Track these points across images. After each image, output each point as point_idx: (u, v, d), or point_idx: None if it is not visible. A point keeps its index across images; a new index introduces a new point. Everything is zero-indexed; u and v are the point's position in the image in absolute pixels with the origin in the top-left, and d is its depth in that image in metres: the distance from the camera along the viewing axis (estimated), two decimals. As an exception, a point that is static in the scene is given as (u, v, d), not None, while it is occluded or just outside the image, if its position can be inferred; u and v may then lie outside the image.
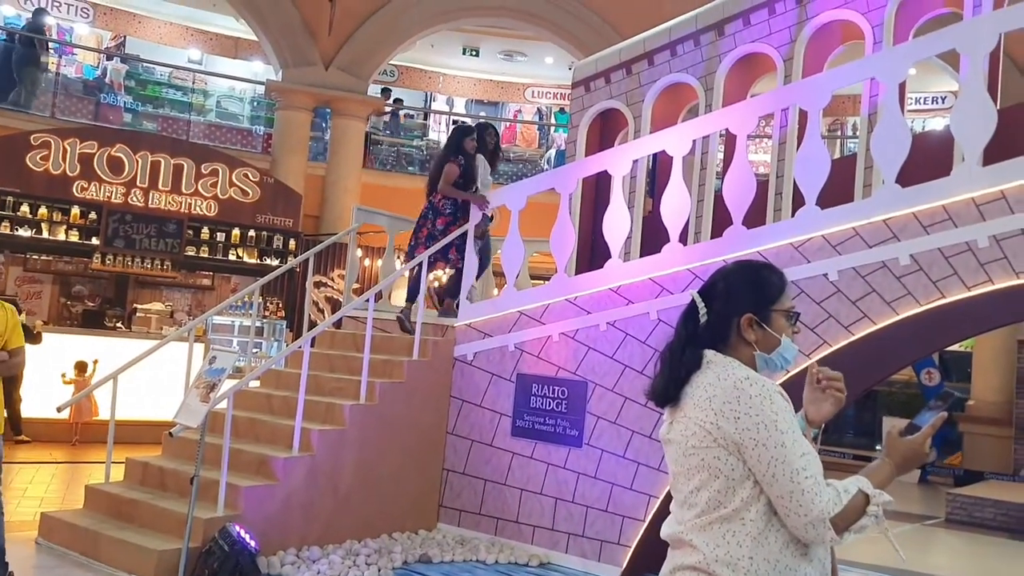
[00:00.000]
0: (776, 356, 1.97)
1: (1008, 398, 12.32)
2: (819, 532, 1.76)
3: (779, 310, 1.97)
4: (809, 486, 1.76)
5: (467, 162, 7.09)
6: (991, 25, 5.17)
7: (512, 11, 13.22)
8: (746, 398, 1.82)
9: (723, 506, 1.82)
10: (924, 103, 16.09)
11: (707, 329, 1.96)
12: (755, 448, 1.79)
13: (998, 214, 4.83)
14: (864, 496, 1.79)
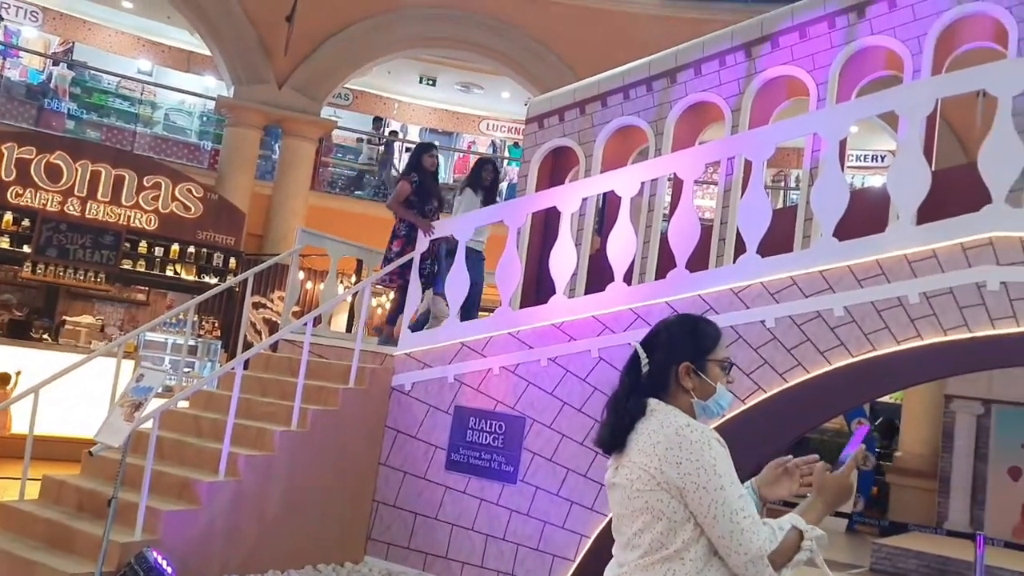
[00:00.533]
0: (712, 403, 2.08)
1: (934, 451, 12.63)
2: (758, 569, 1.86)
3: (714, 360, 2.09)
4: (748, 526, 1.86)
5: (424, 181, 7.02)
6: (929, 89, 5.38)
7: (473, 45, 13.33)
8: (687, 444, 1.91)
9: (665, 547, 1.92)
10: (864, 160, 16.64)
11: (649, 378, 2.07)
12: (696, 491, 1.88)
13: (929, 272, 4.99)
14: (798, 532, 1.92)
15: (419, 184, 6.99)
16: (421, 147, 7.42)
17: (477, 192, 7.17)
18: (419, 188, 6.98)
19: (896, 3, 6.43)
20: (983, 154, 4.90)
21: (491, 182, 7.31)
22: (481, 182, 7.24)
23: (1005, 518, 11.72)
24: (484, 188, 7.24)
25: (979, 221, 4.85)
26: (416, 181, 7.00)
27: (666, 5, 13.31)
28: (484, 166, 7.36)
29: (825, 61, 6.73)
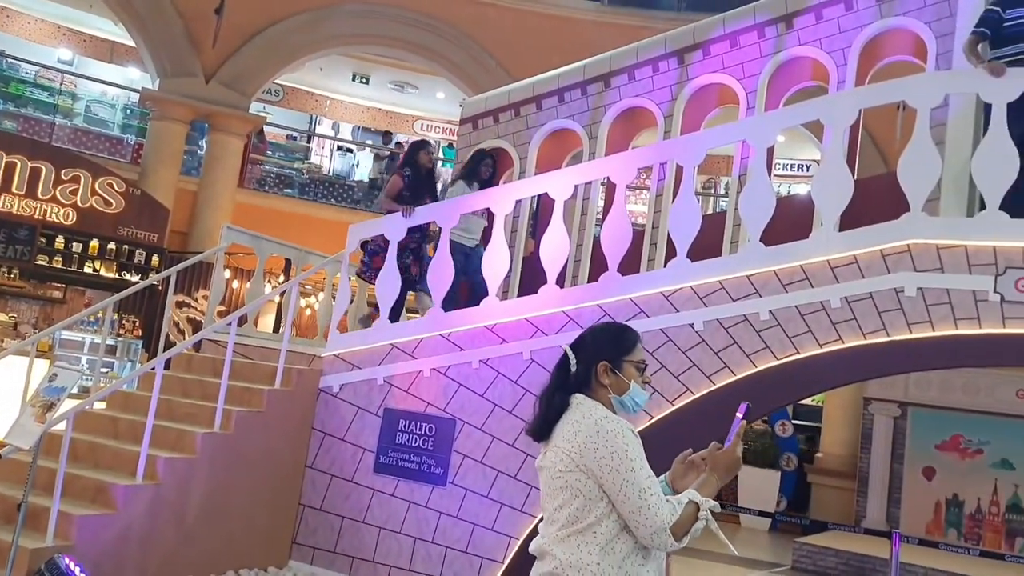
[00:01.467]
0: (627, 399, 2.40)
1: (853, 452, 13.02)
2: (662, 539, 2.18)
3: (630, 361, 2.41)
4: (654, 502, 2.18)
5: (416, 176, 6.87)
6: (851, 100, 5.54)
7: (407, 43, 13.21)
8: (604, 433, 2.23)
9: (580, 521, 2.23)
10: (791, 169, 17.09)
11: (575, 377, 2.37)
12: (610, 473, 2.20)
13: (850, 277, 5.13)
14: (695, 505, 2.23)
15: (411, 179, 6.83)
16: (417, 143, 7.24)
17: (471, 186, 6.91)
18: (411, 183, 6.82)
19: (822, 15, 6.61)
20: (902, 164, 5.06)
21: (489, 177, 7.05)
22: (477, 176, 6.99)
23: (919, 516, 12.17)
24: (481, 183, 6.97)
25: (898, 229, 5.00)
26: (408, 176, 6.84)
27: (603, 10, 13.44)
28: (484, 160, 7.09)
29: (755, 70, 6.88)
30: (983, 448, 12.16)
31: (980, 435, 12.19)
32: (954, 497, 12.19)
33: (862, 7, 6.43)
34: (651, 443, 5.59)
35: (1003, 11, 5.30)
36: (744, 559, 10.26)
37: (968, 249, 4.88)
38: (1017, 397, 11.90)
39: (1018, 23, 5.24)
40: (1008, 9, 5.29)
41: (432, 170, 7.19)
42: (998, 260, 4.80)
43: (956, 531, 12.04)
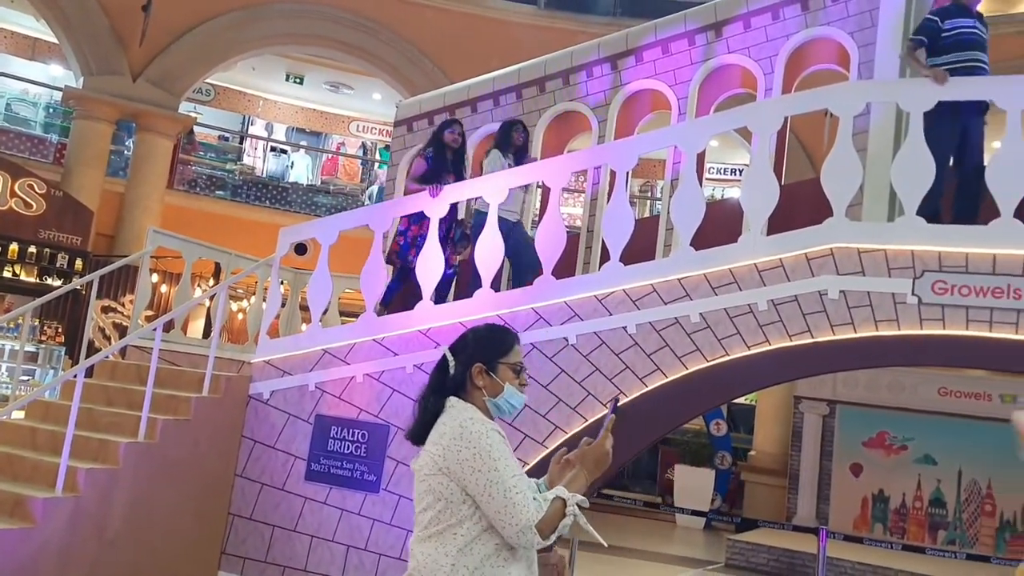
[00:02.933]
0: (502, 401, 2.38)
1: (784, 450, 13.33)
2: (528, 537, 2.17)
3: (506, 363, 2.39)
4: (519, 500, 2.17)
5: (439, 156, 6.66)
6: (778, 108, 5.66)
7: (343, 44, 13.06)
8: (467, 434, 2.23)
9: (440, 523, 2.23)
10: (723, 173, 17.42)
11: (452, 379, 2.38)
12: (473, 474, 2.19)
13: (776, 280, 5.24)
14: (562, 501, 2.22)
15: (434, 160, 6.64)
16: (443, 123, 7.00)
17: (506, 155, 6.74)
18: (434, 162, 6.64)
19: (750, 24, 6.75)
20: (825, 170, 5.20)
21: (522, 143, 6.86)
22: (511, 143, 6.79)
23: (847, 512, 12.51)
24: (515, 150, 6.79)
25: (821, 233, 5.13)
26: (430, 156, 6.65)
27: (540, 14, 13.51)
28: (515, 126, 6.88)
29: (686, 77, 6.99)
30: (907, 444, 12.57)
31: (905, 432, 12.60)
32: (880, 492, 12.57)
33: (788, 17, 6.59)
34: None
35: (941, 21, 5.47)
36: (679, 557, 10.40)
37: (888, 253, 5.03)
38: (939, 395, 12.34)
39: (956, 33, 5.41)
40: (946, 20, 5.46)
41: (460, 149, 6.89)
42: (916, 264, 4.96)
43: (882, 525, 12.42)
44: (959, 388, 12.20)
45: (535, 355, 5.62)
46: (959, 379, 12.09)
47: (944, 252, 4.92)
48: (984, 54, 5.41)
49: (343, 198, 15.59)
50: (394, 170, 7.53)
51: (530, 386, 5.93)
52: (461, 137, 6.84)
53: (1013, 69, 9.15)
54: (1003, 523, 11.89)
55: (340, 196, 15.65)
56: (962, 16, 5.44)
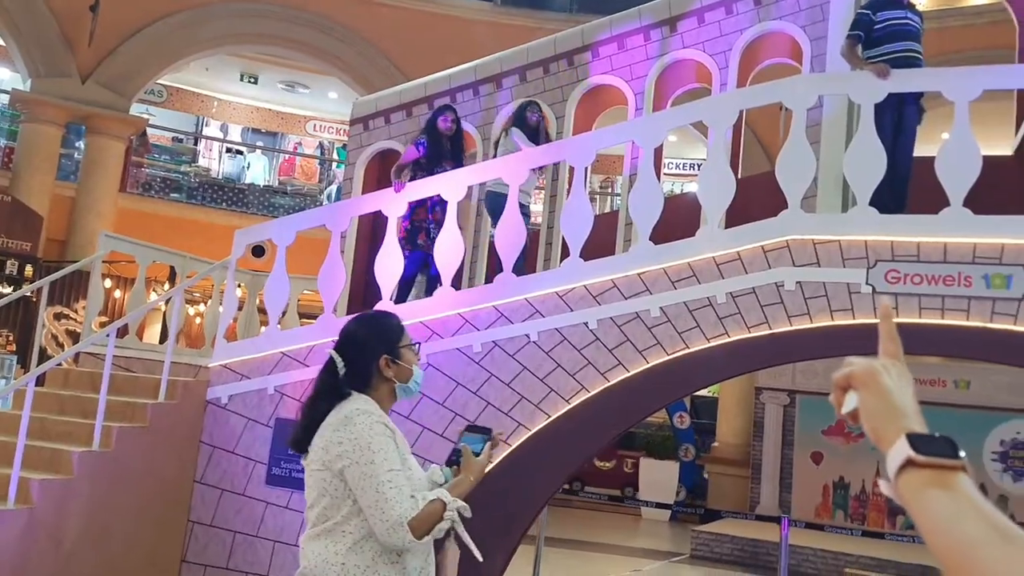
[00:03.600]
0: (411, 383, 2.39)
1: (747, 441, 13.50)
2: (399, 534, 2.11)
3: (405, 346, 2.38)
4: (392, 496, 2.12)
5: (435, 144, 6.54)
6: (732, 102, 5.71)
7: (295, 42, 12.91)
8: (351, 426, 2.19)
9: (328, 520, 2.19)
10: (683, 168, 17.56)
11: (347, 378, 2.30)
12: (350, 467, 2.15)
13: (734, 273, 5.28)
14: (442, 504, 2.19)
15: (429, 148, 6.52)
16: (437, 110, 6.87)
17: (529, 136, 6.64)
18: (429, 151, 6.51)
19: (704, 19, 6.80)
20: (780, 163, 5.25)
21: (536, 123, 6.72)
22: (525, 123, 6.66)
23: (809, 500, 12.71)
24: (529, 130, 6.66)
25: (777, 226, 5.18)
26: (424, 144, 6.52)
27: (497, 11, 13.48)
28: (529, 106, 6.78)
29: (642, 72, 7.02)
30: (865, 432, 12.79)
31: (862, 419, 12.82)
32: (840, 480, 12.78)
33: (741, 11, 6.65)
34: (549, 441, 5.62)
35: (873, 13, 5.56)
36: (644, 550, 10.48)
37: (842, 244, 5.10)
38: (894, 382, 12.57)
39: (888, 25, 5.50)
40: (878, 12, 5.56)
41: (455, 136, 6.76)
42: (869, 254, 5.04)
43: (843, 512, 12.63)
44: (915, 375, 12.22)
45: (497, 353, 5.61)
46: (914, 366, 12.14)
47: (896, 241, 5.00)
48: (917, 44, 5.51)
49: (301, 199, 15.43)
50: (351, 169, 7.46)
51: (493, 384, 5.90)
52: (456, 124, 6.75)
53: (961, 60, 9.36)
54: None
55: (298, 197, 15.49)
56: (893, 8, 5.54)
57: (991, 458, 12.14)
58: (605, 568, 8.98)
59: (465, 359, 5.65)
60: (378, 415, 2.24)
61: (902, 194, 5.37)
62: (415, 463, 2.36)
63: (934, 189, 4.90)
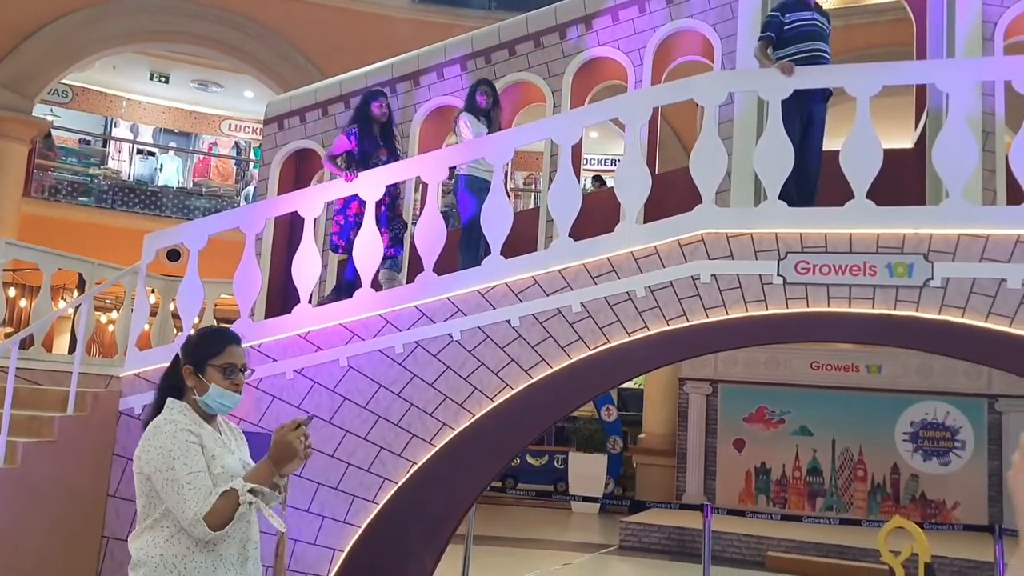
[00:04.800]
0: (210, 400, 2.55)
1: (672, 431, 13.77)
2: (199, 529, 2.36)
3: (214, 365, 2.55)
4: (190, 496, 2.36)
5: (367, 133, 6.27)
6: (646, 99, 5.80)
7: (206, 40, 12.54)
8: (158, 434, 2.44)
9: (148, 518, 2.46)
10: (604, 164, 17.78)
11: (172, 380, 2.59)
12: (155, 473, 2.41)
13: (652, 267, 5.36)
14: (235, 492, 2.39)
15: (361, 137, 6.25)
16: (366, 95, 6.53)
17: (479, 119, 6.48)
18: (363, 142, 6.25)
19: (618, 17, 6.88)
20: (693, 159, 5.36)
21: (490, 105, 6.49)
22: (475, 107, 6.48)
23: (733, 486, 13.04)
24: (484, 113, 6.47)
25: (692, 220, 5.28)
26: (355, 134, 6.24)
27: (416, 8, 13.38)
28: (479, 87, 6.55)
29: (559, 69, 7.06)
30: (785, 418, 13.19)
31: (782, 406, 13.22)
32: (762, 465, 13.15)
33: (654, 9, 6.75)
34: (474, 440, 5.62)
35: (782, 15, 5.74)
36: (575, 543, 10.58)
37: (754, 236, 5.23)
38: (811, 369, 13.02)
39: (796, 26, 5.69)
40: (787, 13, 5.73)
41: (388, 123, 6.53)
42: (780, 246, 5.18)
43: (765, 497, 13.00)
44: (829, 361, 12.90)
45: (420, 353, 5.57)
46: (829, 353, 12.79)
47: (805, 233, 5.15)
48: (824, 43, 5.71)
49: (218, 200, 15.03)
50: (266, 169, 7.30)
51: (416, 385, 5.85)
52: (389, 110, 6.56)
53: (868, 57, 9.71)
54: (874, 486, 12.66)
55: (215, 198, 15.08)
56: (801, 9, 5.74)
57: (902, 439, 12.67)
58: (536, 563, 9.03)
59: (387, 361, 5.59)
60: (184, 423, 2.47)
61: (813, 187, 5.55)
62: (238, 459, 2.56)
63: (844, 182, 5.07)
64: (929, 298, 4.97)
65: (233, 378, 2.57)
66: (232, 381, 2.56)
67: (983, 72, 5.50)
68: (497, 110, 6.59)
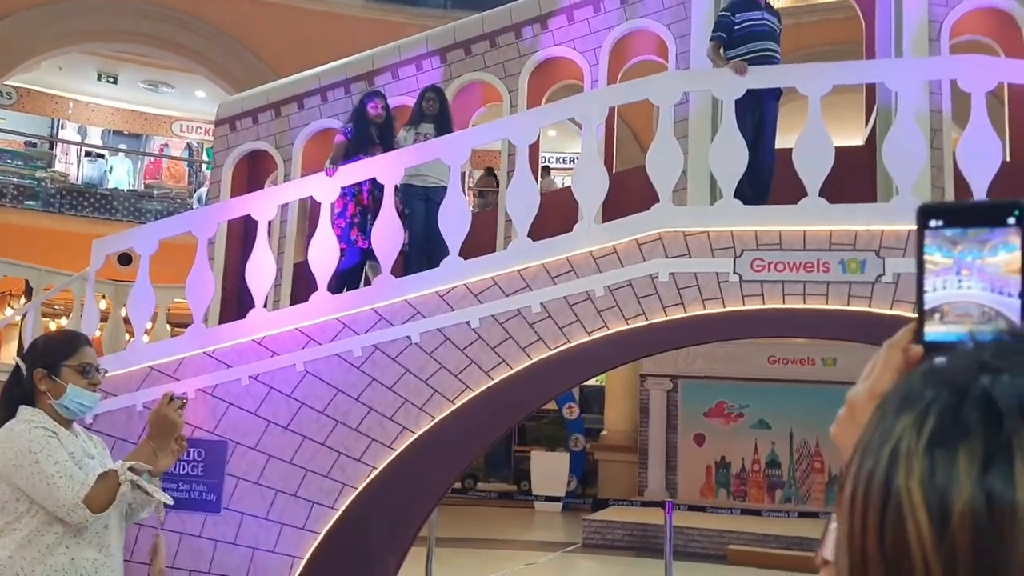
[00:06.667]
0: (68, 402, 2.47)
1: (634, 427, 13.85)
2: (80, 513, 2.33)
3: (69, 365, 2.49)
4: (62, 484, 2.32)
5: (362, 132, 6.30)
6: (602, 99, 5.82)
7: (155, 39, 12.29)
8: (14, 436, 2.38)
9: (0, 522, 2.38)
10: (564, 162, 17.80)
11: (21, 387, 2.48)
12: (17, 471, 2.35)
13: (611, 267, 5.37)
14: (114, 472, 2.38)
15: (355, 136, 6.28)
16: (364, 95, 6.59)
17: (419, 126, 6.46)
18: (355, 138, 6.26)
19: (574, 17, 6.88)
20: (649, 158, 5.38)
21: (438, 112, 6.46)
22: (422, 116, 6.45)
23: (694, 480, 13.17)
24: (432, 120, 6.43)
25: (649, 219, 5.31)
26: (349, 133, 6.28)
27: (370, 7, 13.26)
28: (424, 95, 6.54)
29: (515, 69, 7.04)
30: (744, 412, 13.36)
31: (740, 400, 13.38)
32: (722, 459, 13.29)
33: (609, 9, 6.77)
34: (435, 443, 5.58)
35: (733, 15, 5.79)
36: (538, 542, 10.59)
37: (710, 235, 5.27)
38: (768, 363, 13.19)
39: (746, 26, 5.75)
40: (738, 13, 5.79)
41: (385, 123, 6.53)
42: (735, 244, 5.23)
43: (726, 490, 13.15)
44: (786, 355, 13.08)
45: (378, 356, 5.51)
46: (786, 347, 12.96)
47: (760, 231, 5.20)
48: (774, 43, 5.78)
49: (170, 202, 14.75)
50: (218, 171, 7.17)
51: (375, 389, 5.80)
52: (386, 111, 6.55)
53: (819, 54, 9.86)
54: (832, 478, 12.87)
55: (167, 200, 14.80)
56: (751, 9, 5.81)
57: (857, 430, 12.90)
58: (499, 564, 9.02)
59: (345, 365, 5.53)
60: (39, 422, 2.43)
61: (767, 186, 5.61)
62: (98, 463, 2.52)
63: (798, 179, 5.13)
64: (881, 293, 5.05)
65: (91, 378, 2.52)
66: (90, 381, 2.52)
67: (930, 71, 5.61)
68: (447, 114, 6.55)
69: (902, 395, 0.52)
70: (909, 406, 0.51)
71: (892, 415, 0.51)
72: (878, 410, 0.53)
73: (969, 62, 5.22)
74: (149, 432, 2.49)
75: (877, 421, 0.53)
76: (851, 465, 0.53)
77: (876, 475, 0.50)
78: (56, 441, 2.40)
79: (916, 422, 0.49)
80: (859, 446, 0.53)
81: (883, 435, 0.51)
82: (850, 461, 0.54)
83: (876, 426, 0.52)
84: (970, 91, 5.03)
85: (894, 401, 0.52)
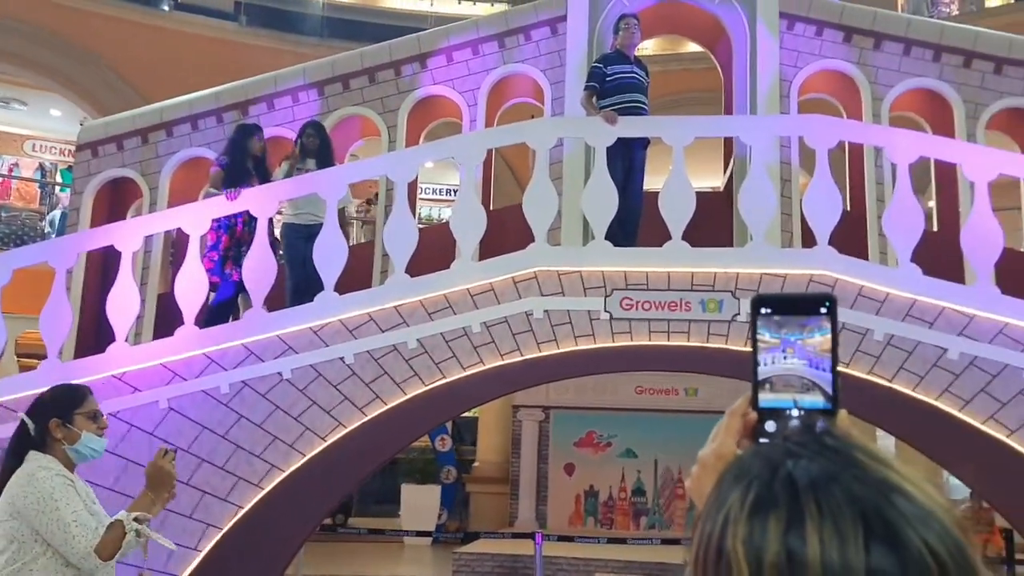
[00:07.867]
0: (82, 447, 2.71)
1: (506, 458, 13.96)
2: (91, 562, 2.54)
3: (81, 413, 2.73)
4: (77, 532, 2.54)
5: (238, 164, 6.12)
6: (481, 141, 5.97)
7: (6, 54, 11.57)
8: (34, 481, 2.58)
9: (16, 562, 2.56)
10: (441, 193, 17.87)
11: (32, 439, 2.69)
12: (38, 516, 2.55)
13: (488, 303, 5.49)
14: (120, 523, 2.58)
15: (230, 168, 6.07)
16: (246, 129, 6.39)
17: (303, 162, 6.29)
18: (230, 171, 6.04)
19: (453, 58, 7.02)
20: (526, 199, 5.55)
21: (318, 147, 6.33)
22: (305, 151, 6.30)
23: (563, 510, 13.37)
24: (313, 155, 6.29)
25: (525, 258, 5.46)
26: (225, 164, 6.07)
27: (243, 31, 13.00)
28: (305, 130, 6.40)
29: (394, 105, 7.10)
30: (612, 441, 13.71)
31: (609, 429, 13.74)
32: (591, 488, 13.58)
33: (487, 53, 6.95)
34: (304, 480, 5.48)
35: (605, 67, 6.09)
36: (409, 578, 10.46)
37: (583, 274, 5.48)
38: (636, 393, 13.62)
39: (617, 78, 6.06)
40: (609, 65, 6.09)
41: (263, 158, 6.42)
42: (606, 283, 5.46)
43: (594, 519, 13.43)
44: (652, 385, 13.55)
45: (247, 393, 5.38)
46: (652, 377, 13.42)
47: (629, 272, 5.45)
48: (642, 95, 6.13)
49: (19, 225, 13.82)
50: (78, 198, 6.82)
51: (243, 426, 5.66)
52: (263, 144, 6.47)
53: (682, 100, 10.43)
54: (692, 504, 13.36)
55: (15, 224, 13.86)
56: (621, 63, 6.14)
57: (717, 458, 13.49)
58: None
59: (212, 401, 5.37)
60: (57, 470, 2.63)
61: (635, 228, 5.90)
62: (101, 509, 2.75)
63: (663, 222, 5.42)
64: (737, 331, 5.38)
65: (99, 422, 2.76)
66: (99, 426, 2.76)
67: (780, 128, 6.08)
68: (328, 150, 6.52)
69: (736, 471, 0.66)
70: (739, 480, 0.64)
71: (727, 486, 0.65)
72: (719, 481, 0.67)
73: (814, 122, 5.69)
74: (147, 484, 2.67)
75: (717, 491, 0.66)
76: (696, 528, 0.67)
77: (712, 537, 0.63)
78: (73, 490, 2.63)
79: (742, 493, 0.63)
80: (703, 511, 0.66)
81: (719, 503, 0.64)
82: (695, 524, 0.67)
83: (716, 495, 0.66)
84: (815, 147, 5.48)
85: (731, 475, 0.66)
